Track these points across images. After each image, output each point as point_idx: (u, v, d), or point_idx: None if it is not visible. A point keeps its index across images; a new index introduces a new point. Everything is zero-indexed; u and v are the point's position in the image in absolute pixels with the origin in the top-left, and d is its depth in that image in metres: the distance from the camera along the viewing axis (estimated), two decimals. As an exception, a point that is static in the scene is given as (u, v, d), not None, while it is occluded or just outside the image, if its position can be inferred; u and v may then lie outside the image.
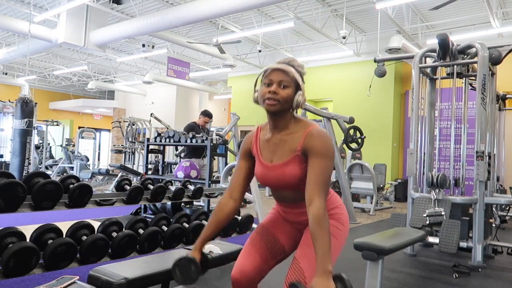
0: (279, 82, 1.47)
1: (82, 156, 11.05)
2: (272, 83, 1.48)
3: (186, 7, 6.84)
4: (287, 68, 1.48)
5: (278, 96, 1.46)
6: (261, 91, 1.50)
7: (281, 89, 1.47)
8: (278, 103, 1.47)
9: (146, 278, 1.73)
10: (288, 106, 1.49)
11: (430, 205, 3.68)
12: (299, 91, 1.50)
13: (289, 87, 1.47)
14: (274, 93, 1.46)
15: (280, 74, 1.47)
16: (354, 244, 2.26)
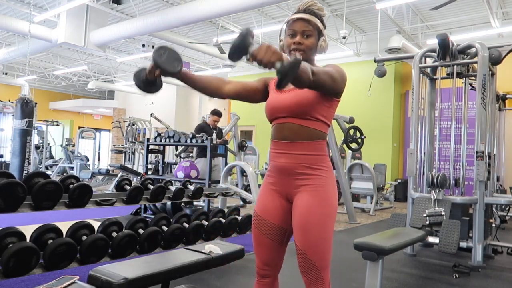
0: (302, 32, 1.51)
1: (82, 156, 11.05)
2: (296, 34, 1.52)
3: (186, 7, 6.84)
4: (308, 17, 1.51)
5: (303, 46, 1.51)
6: (286, 41, 1.54)
7: (305, 38, 1.51)
8: (304, 52, 1.51)
9: (146, 278, 1.73)
10: (312, 53, 1.55)
11: (430, 205, 3.68)
12: (321, 37, 1.55)
13: (312, 36, 1.52)
14: (299, 43, 1.51)
15: (303, 24, 1.51)
16: (354, 244, 2.26)
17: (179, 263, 1.90)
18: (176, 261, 1.92)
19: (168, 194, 3.24)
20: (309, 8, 1.54)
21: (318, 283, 1.48)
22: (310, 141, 1.52)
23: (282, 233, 1.62)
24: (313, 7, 1.54)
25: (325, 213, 1.50)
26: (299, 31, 1.51)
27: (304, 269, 1.49)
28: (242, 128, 11.15)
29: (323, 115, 1.52)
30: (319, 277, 1.48)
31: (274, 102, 1.58)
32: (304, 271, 1.49)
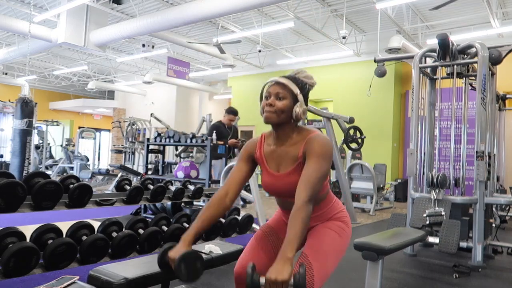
0: (276, 94, 1.52)
1: (82, 156, 11.05)
2: (270, 96, 1.53)
3: (186, 7, 6.84)
4: (284, 81, 1.53)
5: (274, 108, 1.51)
6: (262, 103, 1.56)
7: (278, 100, 1.51)
8: (275, 113, 1.51)
9: (146, 278, 1.73)
10: (286, 117, 1.53)
11: (430, 205, 3.68)
12: (297, 102, 1.53)
13: (286, 99, 1.51)
14: (271, 105, 1.51)
15: (278, 87, 1.52)
16: (354, 244, 2.26)
17: (179, 263, 1.89)
18: (176, 261, 1.92)
19: (168, 194, 3.24)
20: (295, 75, 1.58)
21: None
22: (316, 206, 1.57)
23: None
24: (299, 75, 1.57)
25: (339, 239, 1.60)
26: (273, 93, 1.52)
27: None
28: (242, 128, 11.14)
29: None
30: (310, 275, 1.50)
31: (270, 185, 1.61)
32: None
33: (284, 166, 1.57)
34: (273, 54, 11.37)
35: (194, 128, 12.32)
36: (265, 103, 1.54)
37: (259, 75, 12.73)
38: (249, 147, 1.67)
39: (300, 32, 9.85)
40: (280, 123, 1.54)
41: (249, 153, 1.66)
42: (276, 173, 1.58)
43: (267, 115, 1.52)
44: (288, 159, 1.56)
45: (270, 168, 1.60)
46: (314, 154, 1.47)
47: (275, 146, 1.59)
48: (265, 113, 1.53)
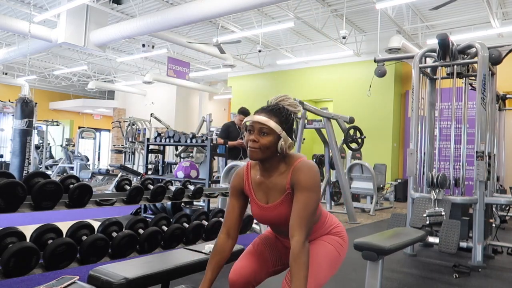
0: (259, 129, 1.46)
1: (82, 156, 11.05)
2: (253, 130, 1.47)
3: (186, 7, 6.84)
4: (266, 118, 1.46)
5: (258, 144, 1.45)
6: (245, 137, 1.50)
7: (261, 136, 1.46)
8: (259, 150, 1.46)
9: (146, 278, 1.73)
10: (271, 152, 1.47)
11: (430, 205, 3.68)
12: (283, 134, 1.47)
13: (270, 134, 1.45)
14: (254, 141, 1.46)
15: (261, 120, 1.45)
16: (354, 244, 2.26)
17: (179, 263, 1.90)
18: (176, 261, 1.92)
19: (168, 194, 3.24)
20: (278, 102, 1.51)
21: None
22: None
23: (280, 261, 1.68)
24: (283, 103, 1.51)
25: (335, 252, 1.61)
26: (256, 128, 1.46)
27: None
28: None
29: None
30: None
31: (260, 216, 1.60)
32: None
33: (273, 197, 1.54)
34: (273, 54, 11.37)
35: (194, 128, 12.33)
36: (248, 138, 1.47)
37: (259, 75, 12.73)
38: (237, 181, 1.63)
39: (300, 32, 9.86)
40: (265, 158, 1.49)
41: (238, 188, 1.62)
42: (265, 205, 1.56)
43: (251, 153, 1.47)
44: (277, 190, 1.52)
45: (258, 200, 1.57)
46: (302, 187, 1.44)
47: (262, 178, 1.56)
48: (249, 150, 1.47)
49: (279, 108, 1.49)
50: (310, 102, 10.01)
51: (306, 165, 1.48)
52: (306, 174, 1.45)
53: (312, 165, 1.49)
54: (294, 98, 1.62)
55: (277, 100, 1.52)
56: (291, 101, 1.52)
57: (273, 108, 1.49)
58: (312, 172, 1.46)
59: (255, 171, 1.59)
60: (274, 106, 1.50)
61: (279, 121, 1.46)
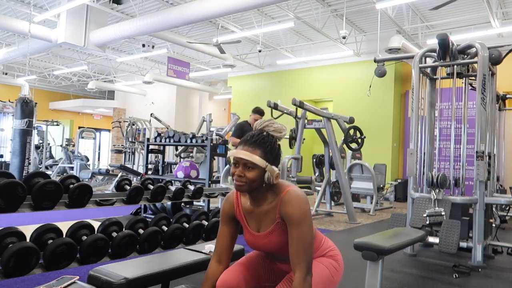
0: (244, 164, 1.45)
1: (82, 156, 11.05)
2: (238, 164, 1.46)
3: (186, 7, 6.84)
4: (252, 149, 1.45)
5: (244, 179, 1.45)
6: (231, 168, 1.49)
7: (247, 170, 1.45)
8: (246, 184, 1.45)
9: (146, 278, 1.73)
10: (258, 184, 1.46)
11: (430, 205, 3.68)
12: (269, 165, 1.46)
13: (255, 168, 1.44)
14: (240, 176, 1.45)
15: (245, 155, 1.44)
16: (354, 244, 2.26)
17: (179, 263, 1.90)
18: (176, 261, 1.92)
19: (168, 194, 3.24)
20: (263, 128, 1.50)
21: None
22: None
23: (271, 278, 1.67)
24: (268, 128, 1.50)
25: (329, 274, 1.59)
26: (241, 162, 1.45)
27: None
28: (242, 128, 11.13)
29: None
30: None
31: (252, 244, 1.60)
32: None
33: (264, 226, 1.54)
34: (273, 54, 11.37)
35: (194, 128, 12.32)
36: (233, 171, 1.47)
37: (259, 75, 12.73)
38: (227, 208, 1.62)
39: (300, 32, 9.86)
40: (253, 190, 1.49)
41: (229, 214, 1.62)
42: (257, 233, 1.56)
43: (237, 186, 1.47)
44: (267, 219, 1.52)
45: (250, 227, 1.57)
46: (293, 222, 1.43)
47: (252, 206, 1.55)
48: (236, 183, 1.47)
49: (263, 138, 1.48)
50: (310, 102, 10.01)
51: (294, 196, 1.46)
52: (295, 206, 1.44)
53: (299, 195, 1.47)
54: (294, 98, 1.61)
55: (262, 126, 1.51)
56: (275, 126, 1.51)
57: (257, 139, 1.47)
58: (300, 203, 1.44)
59: (245, 198, 1.58)
60: (258, 137, 1.48)
61: (264, 153, 1.45)
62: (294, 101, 5.72)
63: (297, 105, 5.75)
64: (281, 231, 1.49)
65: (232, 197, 1.62)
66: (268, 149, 1.47)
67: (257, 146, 1.46)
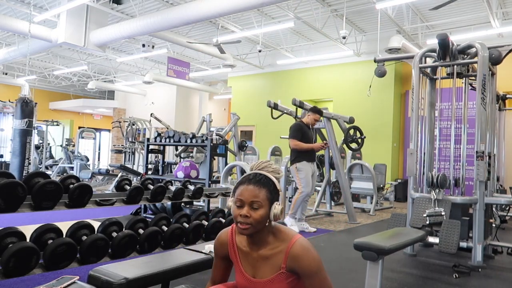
0: (250, 203, 1.37)
1: (82, 156, 11.05)
2: (243, 205, 1.38)
3: (186, 7, 6.84)
4: (257, 189, 1.39)
5: (250, 220, 1.36)
6: (233, 211, 1.40)
7: (253, 211, 1.37)
8: (251, 226, 1.37)
9: (146, 278, 1.73)
10: (262, 225, 1.40)
11: (430, 205, 3.68)
12: (274, 203, 1.40)
13: (262, 207, 1.37)
14: (246, 216, 1.36)
15: (251, 194, 1.37)
16: (354, 244, 2.26)
17: (179, 263, 1.90)
18: (176, 261, 1.92)
19: (168, 194, 3.24)
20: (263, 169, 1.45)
21: None
22: None
23: None
24: (267, 169, 1.45)
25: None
26: (247, 202, 1.37)
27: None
28: (242, 128, 11.14)
29: None
30: None
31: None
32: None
33: (262, 273, 1.44)
34: (273, 54, 11.37)
35: (194, 128, 12.32)
36: (238, 213, 1.37)
37: (259, 75, 12.73)
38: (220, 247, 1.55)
39: (300, 32, 9.86)
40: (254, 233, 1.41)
41: (223, 253, 1.55)
42: (253, 279, 1.45)
43: (242, 230, 1.37)
44: (267, 266, 1.43)
45: (245, 271, 1.47)
46: (312, 274, 1.38)
47: (249, 249, 1.46)
48: (240, 226, 1.37)
49: (266, 177, 1.42)
50: (310, 102, 10.01)
51: (305, 248, 1.40)
52: (310, 259, 1.39)
53: (309, 246, 1.41)
54: (294, 98, 1.59)
55: (260, 167, 1.46)
56: (273, 167, 1.47)
57: (261, 179, 1.41)
58: (312, 255, 1.40)
59: (241, 238, 1.49)
60: (261, 176, 1.42)
61: (269, 191, 1.40)
62: (294, 101, 5.72)
63: (297, 105, 5.75)
64: (283, 282, 1.41)
65: (225, 236, 1.53)
66: (272, 188, 1.41)
67: (262, 185, 1.39)
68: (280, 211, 1.40)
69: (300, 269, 1.39)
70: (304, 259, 1.38)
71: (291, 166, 5.09)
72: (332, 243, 4.53)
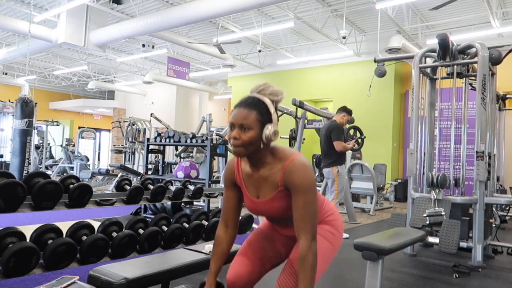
0: (240, 125, 1.42)
1: (82, 156, 11.05)
2: (234, 127, 1.43)
3: (186, 7, 6.84)
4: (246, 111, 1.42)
5: (240, 141, 1.41)
6: (227, 133, 1.47)
7: (243, 132, 1.41)
8: (242, 147, 1.42)
9: (146, 278, 1.73)
10: (255, 146, 1.43)
11: (430, 205, 3.68)
12: (267, 124, 1.42)
13: (252, 129, 1.40)
14: (235, 138, 1.42)
15: (241, 116, 1.41)
16: (354, 244, 2.26)
17: (179, 263, 1.90)
18: (176, 261, 1.92)
19: (168, 194, 3.24)
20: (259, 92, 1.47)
21: None
22: None
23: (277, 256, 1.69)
24: (264, 91, 1.47)
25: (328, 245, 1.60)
26: (237, 124, 1.42)
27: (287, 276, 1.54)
28: (242, 128, 11.11)
29: None
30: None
31: (253, 210, 1.60)
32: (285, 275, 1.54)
33: (264, 192, 1.52)
34: (273, 54, 11.37)
35: (194, 128, 12.32)
36: (230, 135, 1.43)
37: (259, 75, 12.73)
38: (228, 174, 1.61)
39: (300, 32, 9.86)
40: (251, 154, 1.46)
41: (231, 180, 1.61)
42: (256, 199, 1.54)
43: (234, 151, 1.44)
44: (267, 186, 1.50)
45: (250, 193, 1.56)
46: (300, 190, 1.41)
47: (251, 171, 1.53)
48: (233, 148, 1.44)
49: (258, 100, 1.44)
50: (310, 102, 10.01)
51: (300, 164, 1.43)
52: (302, 175, 1.42)
53: (306, 163, 1.45)
54: (294, 98, 1.62)
55: (258, 90, 1.48)
56: (272, 89, 1.48)
57: (252, 101, 1.44)
58: (306, 172, 1.42)
59: (245, 163, 1.56)
60: (253, 99, 1.45)
61: (260, 113, 1.42)
62: (294, 101, 5.72)
63: (297, 105, 5.75)
64: (283, 199, 1.48)
65: (233, 163, 1.61)
66: (264, 111, 1.43)
67: (253, 107, 1.42)
68: (272, 133, 1.42)
69: (291, 183, 1.42)
70: (296, 174, 1.41)
71: (330, 169, 4.96)
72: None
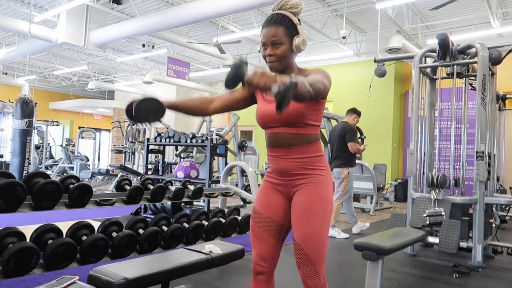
0: (271, 43, 1.53)
1: (82, 156, 11.05)
2: (266, 45, 1.55)
3: (186, 7, 6.84)
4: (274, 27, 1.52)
5: (275, 57, 1.53)
6: (262, 53, 1.58)
7: (276, 48, 1.53)
8: (278, 62, 1.54)
9: (146, 278, 1.73)
10: (289, 59, 1.56)
11: (430, 205, 3.68)
12: (294, 36, 1.53)
13: (283, 43, 1.52)
14: (271, 55, 1.53)
15: (270, 34, 1.52)
16: (354, 244, 2.26)
17: (179, 263, 1.90)
18: (176, 261, 1.92)
19: (168, 194, 3.24)
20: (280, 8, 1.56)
21: (313, 276, 1.53)
22: (304, 145, 1.57)
23: (280, 229, 1.67)
24: (285, 7, 1.56)
25: (322, 209, 1.56)
26: (268, 42, 1.54)
27: (300, 262, 1.54)
28: (242, 128, 11.12)
29: (313, 119, 1.57)
30: (314, 271, 1.53)
31: (265, 113, 1.62)
32: (300, 264, 1.54)
33: None
34: (273, 54, 11.35)
35: (194, 128, 12.31)
36: (265, 54, 1.55)
37: (259, 75, 12.71)
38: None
39: (300, 32, 9.84)
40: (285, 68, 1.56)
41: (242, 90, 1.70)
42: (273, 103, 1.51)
43: (271, 66, 1.56)
44: None
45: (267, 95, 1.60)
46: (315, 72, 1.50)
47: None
48: (269, 64, 1.56)
49: (282, 16, 1.54)
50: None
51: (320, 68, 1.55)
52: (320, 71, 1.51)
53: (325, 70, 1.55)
54: None
55: (279, 6, 1.57)
56: (291, 2, 1.56)
57: (277, 18, 1.54)
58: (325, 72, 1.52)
59: None
60: (277, 16, 1.54)
61: (286, 28, 1.52)
62: (294, 101, 5.72)
63: (297, 105, 5.75)
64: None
65: None
66: (289, 24, 1.54)
67: (279, 23, 1.52)
68: (301, 42, 1.54)
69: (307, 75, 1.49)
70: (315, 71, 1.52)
71: (341, 169, 4.97)
72: (332, 243, 4.53)
